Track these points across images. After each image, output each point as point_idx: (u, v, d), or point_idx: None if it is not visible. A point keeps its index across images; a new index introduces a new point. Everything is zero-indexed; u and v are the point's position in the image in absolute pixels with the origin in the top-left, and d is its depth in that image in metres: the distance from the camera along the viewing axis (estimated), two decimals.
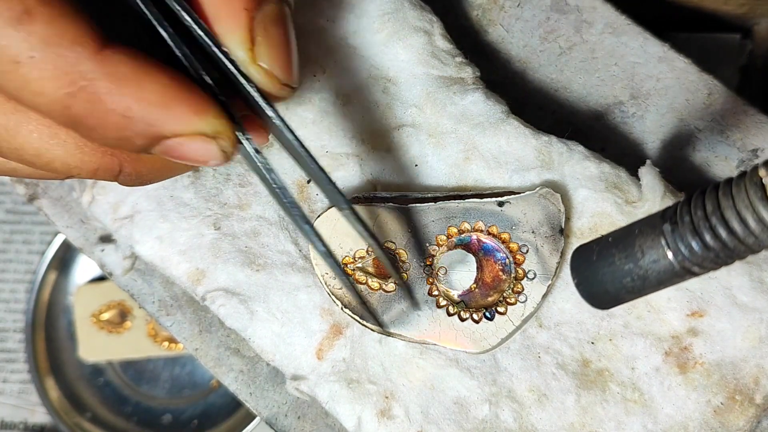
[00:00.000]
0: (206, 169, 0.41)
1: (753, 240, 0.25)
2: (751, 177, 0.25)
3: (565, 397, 0.37)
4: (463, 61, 0.41)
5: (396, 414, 0.37)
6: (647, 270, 0.28)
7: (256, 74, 0.30)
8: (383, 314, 0.38)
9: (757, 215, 0.25)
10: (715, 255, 0.26)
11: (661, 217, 0.28)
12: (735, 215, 0.25)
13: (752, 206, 0.25)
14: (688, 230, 0.26)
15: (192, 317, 0.42)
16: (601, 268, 0.29)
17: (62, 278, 0.70)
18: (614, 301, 0.30)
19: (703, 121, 0.42)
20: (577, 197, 0.38)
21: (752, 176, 0.25)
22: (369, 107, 0.41)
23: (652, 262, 0.27)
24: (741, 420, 0.36)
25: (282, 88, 0.31)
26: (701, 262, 0.27)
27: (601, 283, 0.30)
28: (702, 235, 0.26)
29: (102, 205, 0.42)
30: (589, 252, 0.30)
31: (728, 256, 0.26)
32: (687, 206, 0.27)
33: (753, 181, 0.25)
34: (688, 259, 0.27)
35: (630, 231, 0.29)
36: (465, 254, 0.38)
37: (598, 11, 0.44)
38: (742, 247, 0.26)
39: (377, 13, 0.42)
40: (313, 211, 0.41)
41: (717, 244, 0.26)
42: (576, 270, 0.31)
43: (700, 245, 0.26)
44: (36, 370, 0.68)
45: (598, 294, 0.30)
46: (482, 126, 0.40)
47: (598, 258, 0.30)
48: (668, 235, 0.27)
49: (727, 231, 0.25)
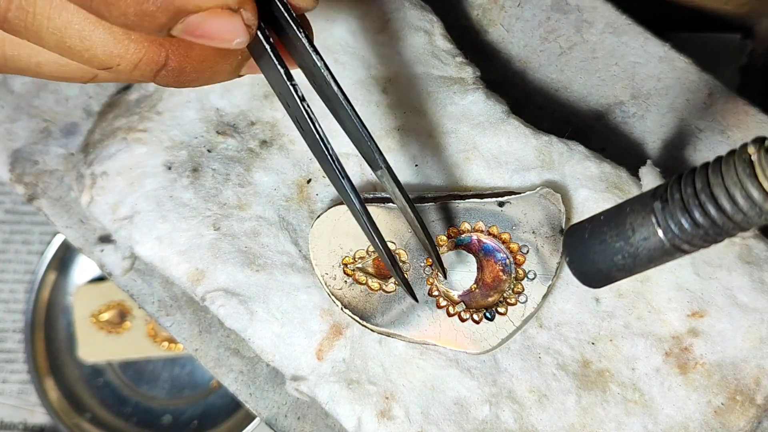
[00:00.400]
0: (206, 170, 0.41)
1: (741, 217, 0.25)
2: (740, 154, 0.25)
3: (566, 397, 0.37)
4: (464, 61, 0.41)
5: (396, 414, 0.37)
6: (638, 247, 0.28)
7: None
8: (383, 314, 0.38)
9: (745, 191, 0.25)
10: (704, 232, 0.26)
11: (652, 195, 0.28)
12: (724, 192, 0.25)
13: (740, 183, 0.25)
14: (678, 208, 0.26)
15: (192, 318, 0.42)
16: (592, 246, 0.29)
17: (62, 278, 0.70)
18: (606, 279, 0.30)
19: (704, 121, 0.41)
20: (578, 197, 0.38)
21: (741, 153, 0.25)
22: (369, 107, 0.41)
23: (642, 239, 0.28)
24: (742, 420, 0.36)
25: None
26: (691, 240, 0.27)
27: (592, 261, 0.30)
28: (691, 212, 0.26)
29: (101, 206, 0.42)
30: (581, 230, 0.30)
31: (717, 233, 0.26)
32: (677, 184, 0.27)
33: (741, 158, 0.25)
34: (678, 236, 0.27)
35: (621, 209, 0.29)
36: (465, 254, 0.38)
37: (598, 11, 0.44)
38: (730, 224, 0.26)
39: (377, 13, 0.42)
40: (313, 211, 0.41)
41: (706, 221, 0.26)
42: (568, 248, 0.31)
43: (689, 222, 0.26)
44: (35, 370, 0.68)
45: (590, 272, 0.30)
46: (482, 126, 0.40)
47: (590, 236, 0.30)
48: (658, 213, 0.27)
49: (716, 208, 0.26)
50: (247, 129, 0.42)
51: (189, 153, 0.42)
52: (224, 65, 0.31)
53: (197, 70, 0.30)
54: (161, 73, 0.29)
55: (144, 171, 0.41)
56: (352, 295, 0.38)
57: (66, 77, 0.31)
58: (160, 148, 0.42)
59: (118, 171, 0.41)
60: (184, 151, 0.42)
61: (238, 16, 0.27)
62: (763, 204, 0.25)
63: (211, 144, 0.42)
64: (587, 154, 0.39)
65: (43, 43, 0.29)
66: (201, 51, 0.30)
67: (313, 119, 0.30)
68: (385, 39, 0.41)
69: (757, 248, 0.37)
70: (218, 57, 0.30)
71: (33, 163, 0.45)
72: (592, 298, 0.38)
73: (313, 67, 0.31)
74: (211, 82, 0.32)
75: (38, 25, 0.28)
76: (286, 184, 0.41)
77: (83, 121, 0.45)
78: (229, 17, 0.27)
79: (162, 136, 0.42)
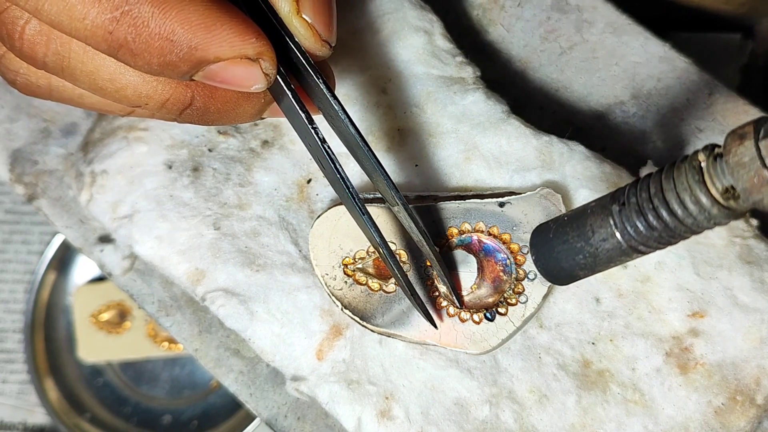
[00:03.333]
0: (206, 169, 0.41)
1: (692, 221, 0.26)
2: (691, 161, 0.26)
3: (566, 397, 0.37)
4: (464, 61, 0.41)
5: (396, 415, 0.37)
6: (597, 248, 0.29)
7: (299, 27, 0.31)
8: (383, 315, 0.38)
9: (694, 197, 0.26)
10: (658, 234, 0.27)
11: (611, 198, 0.29)
12: (675, 197, 0.26)
13: (690, 189, 0.26)
14: (634, 211, 0.28)
15: (192, 318, 0.42)
16: (556, 246, 0.31)
17: (61, 278, 0.70)
18: (569, 277, 0.31)
19: (705, 121, 0.41)
20: (578, 198, 0.38)
21: (692, 160, 0.26)
22: (369, 107, 0.41)
23: (601, 240, 0.29)
24: (742, 420, 0.36)
25: (323, 44, 0.31)
26: (646, 242, 0.28)
27: (556, 260, 0.31)
28: (646, 216, 0.27)
29: (101, 204, 0.42)
30: (547, 230, 0.31)
31: (671, 236, 0.27)
32: (634, 188, 0.28)
33: (692, 165, 0.26)
34: (633, 238, 0.28)
35: (584, 211, 0.30)
36: (466, 255, 0.38)
37: (598, 11, 0.44)
38: (682, 228, 0.27)
39: (377, 13, 0.42)
40: (313, 212, 0.41)
41: (659, 224, 0.27)
42: (534, 247, 0.32)
43: (644, 225, 0.27)
44: (35, 370, 0.67)
45: (554, 270, 0.31)
46: (483, 126, 0.40)
47: (554, 236, 0.31)
48: (616, 216, 0.28)
49: (668, 212, 0.27)
50: (249, 129, 0.42)
51: (190, 152, 0.42)
52: (247, 107, 0.32)
53: (221, 111, 0.32)
54: (186, 111, 0.31)
55: (144, 170, 0.41)
56: (352, 296, 0.38)
57: (105, 110, 0.34)
58: (160, 147, 0.42)
59: (118, 169, 0.41)
60: (185, 150, 0.42)
61: (256, 65, 0.29)
62: (711, 209, 0.26)
63: (212, 143, 0.42)
64: (588, 154, 0.39)
65: (78, 84, 0.31)
66: (225, 93, 0.31)
67: (334, 160, 0.32)
68: (384, 39, 0.41)
69: (757, 248, 0.37)
70: (241, 100, 0.32)
71: (33, 163, 0.45)
72: (593, 298, 0.38)
73: (331, 111, 0.32)
74: (234, 123, 0.34)
75: (73, 68, 0.30)
76: (287, 184, 0.41)
77: (83, 121, 0.45)
78: (248, 66, 0.29)
79: (163, 135, 0.42)
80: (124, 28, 0.27)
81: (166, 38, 0.27)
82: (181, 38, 0.27)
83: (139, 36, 0.27)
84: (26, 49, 0.30)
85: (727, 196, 0.25)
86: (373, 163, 0.33)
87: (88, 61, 0.30)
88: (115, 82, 0.30)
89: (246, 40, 0.28)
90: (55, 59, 0.30)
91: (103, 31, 0.27)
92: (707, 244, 0.37)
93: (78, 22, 0.27)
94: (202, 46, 0.28)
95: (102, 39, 0.27)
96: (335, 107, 0.32)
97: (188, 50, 0.28)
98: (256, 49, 0.28)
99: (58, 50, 0.30)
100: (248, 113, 0.33)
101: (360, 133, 0.33)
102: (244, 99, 0.32)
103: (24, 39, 0.30)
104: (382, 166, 0.33)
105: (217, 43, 0.28)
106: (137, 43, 0.27)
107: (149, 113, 0.33)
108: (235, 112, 0.32)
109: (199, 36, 0.27)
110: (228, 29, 0.28)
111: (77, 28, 0.27)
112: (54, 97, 0.34)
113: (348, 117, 0.32)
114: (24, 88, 0.33)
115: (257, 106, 0.33)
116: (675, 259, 0.37)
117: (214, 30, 0.28)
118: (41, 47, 0.30)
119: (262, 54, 0.29)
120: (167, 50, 0.27)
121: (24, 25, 0.29)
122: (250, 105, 0.32)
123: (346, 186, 0.32)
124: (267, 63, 0.29)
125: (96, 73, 0.30)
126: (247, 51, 0.28)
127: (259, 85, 0.30)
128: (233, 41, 0.28)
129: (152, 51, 0.27)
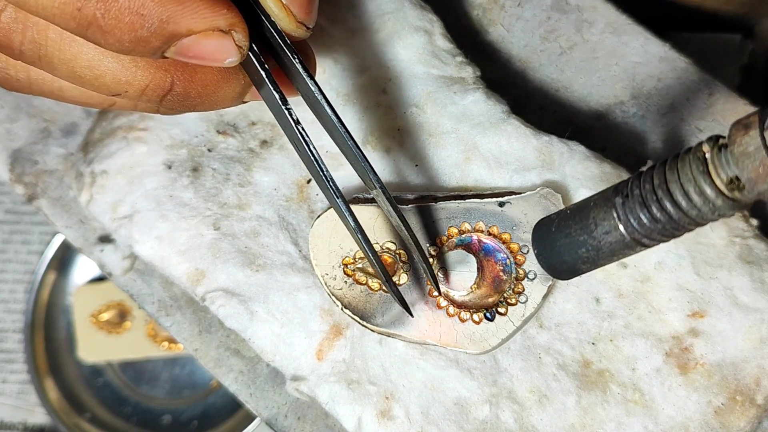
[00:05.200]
0: (206, 169, 0.41)
1: (696, 212, 0.26)
2: (695, 152, 0.26)
3: (566, 397, 0.37)
4: (464, 61, 0.41)
5: (396, 414, 0.37)
6: (600, 241, 0.29)
7: (273, 7, 0.30)
8: (383, 315, 0.38)
9: (698, 188, 0.26)
10: (662, 226, 0.27)
11: (614, 190, 0.28)
12: (679, 188, 0.26)
13: (694, 180, 0.26)
14: (637, 203, 0.27)
15: (192, 318, 0.42)
16: (558, 239, 0.30)
17: (61, 278, 0.70)
18: (571, 271, 0.31)
19: (705, 121, 0.41)
20: (579, 197, 0.38)
21: (696, 151, 0.26)
22: (369, 107, 0.41)
23: (604, 233, 0.28)
24: (742, 421, 0.36)
25: (298, 26, 0.31)
26: (650, 234, 0.27)
27: (558, 253, 0.30)
28: (650, 208, 0.27)
29: (101, 204, 0.42)
30: (549, 224, 0.31)
31: (675, 228, 0.27)
32: (637, 180, 0.28)
33: (696, 156, 0.26)
34: (637, 230, 0.27)
35: (586, 204, 0.30)
36: (466, 255, 0.38)
37: (598, 11, 0.44)
38: (686, 219, 0.26)
39: (377, 13, 0.42)
40: (313, 211, 0.41)
41: (663, 216, 0.27)
42: (537, 241, 0.32)
43: (648, 217, 0.27)
44: (35, 370, 0.67)
45: (556, 264, 0.31)
46: (483, 126, 0.40)
47: (556, 229, 0.31)
48: (619, 208, 0.28)
49: (672, 203, 0.26)
50: (248, 128, 0.42)
51: (189, 152, 0.42)
52: (227, 90, 0.32)
53: (201, 95, 0.32)
54: (167, 97, 0.31)
55: (144, 170, 0.41)
56: (352, 296, 0.38)
57: (86, 102, 0.33)
58: (160, 147, 0.42)
59: (118, 170, 0.41)
60: (185, 150, 0.42)
61: (228, 37, 0.29)
62: (715, 200, 0.25)
63: (212, 143, 0.42)
64: (588, 154, 0.39)
65: (56, 73, 0.31)
66: (204, 75, 0.31)
67: (307, 141, 0.31)
68: (384, 39, 0.41)
69: (757, 248, 0.37)
70: (221, 82, 0.31)
71: (33, 163, 0.45)
72: (593, 298, 0.38)
73: (309, 93, 0.32)
74: (216, 108, 0.34)
75: (50, 56, 0.30)
76: (287, 184, 0.41)
77: (83, 121, 0.45)
78: (220, 38, 0.29)
79: (162, 135, 0.42)
80: (92, 4, 0.27)
81: (136, 12, 0.27)
82: (152, 11, 0.27)
83: (108, 11, 0.27)
84: (2, 37, 0.29)
85: (732, 186, 0.25)
86: (350, 146, 0.33)
87: (65, 48, 0.29)
88: (94, 69, 0.30)
89: (217, 12, 0.28)
90: (31, 47, 0.30)
91: (72, 8, 0.27)
92: (707, 244, 0.37)
93: (48, 1, 0.27)
94: (173, 19, 0.27)
95: (71, 16, 0.27)
96: (312, 88, 0.32)
97: (159, 24, 0.27)
98: (227, 20, 0.28)
99: (35, 38, 0.29)
100: (229, 96, 0.33)
101: (337, 114, 0.32)
102: (223, 81, 0.32)
103: (0, 27, 0.29)
104: (360, 149, 0.33)
105: (189, 15, 0.27)
106: (107, 18, 0.27)
107: (131, 104, 0.32)
108: (216, 95, 0.32)
109: (170, 9, 0.27)
110: (199, 1, 0.27)
111: (45, 6, 0.27)
112: (34, 90, 0.33)
113: (325, 97, 0.32)
114: (4, 82, 0.33)
115: (237, 89, 0.32)
116: (675, 259, 0.37)
117: (185, 2, 0.27)
118: (17, 35, 0.29)
119: (234, 25, 0.28)
120: (138, 25, 0.27)
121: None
122: (230, 87, 0.32)
123: (320, 168, 0.32)
124: (239, 35, 0.29)
125: (74, 61, 0.30)
126: (218, 23, 0.28)
127: (232, 58, 0.29)
128: (204, 13, 0.28)
129: (122, 27, 0.27)
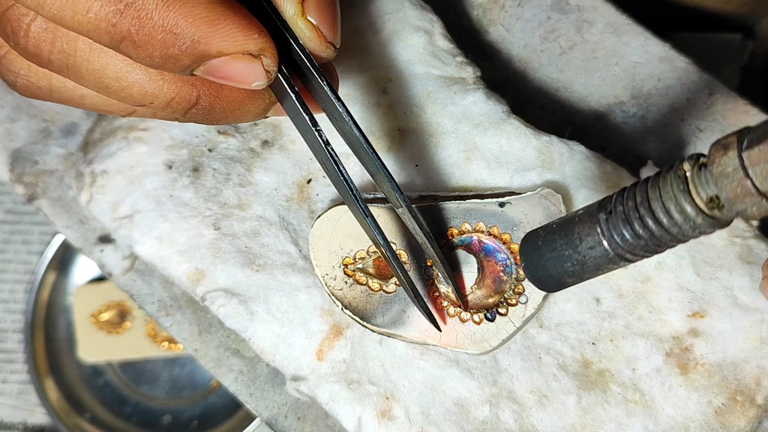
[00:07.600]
0: (206, 169, 0.41)
1: (677, 230, 0.27)
2: (676, 170, 0.27)
3: (566, 398, 0.37)
4: (464, 61, 0.41)
5: (396, 415, 0.37)
6: (585, 256, 0.29)
7: (304, 29, 0.31)
8: (384, 315, 0.38)
9: (679, 206, 0.26)
10: (644, 243, 0.27)
11: (599, 206, 0.29)
12: (660, 206, 0.27)
13: (675, 198, 0.26)
14: (620, 219, 0.28)
15: (192, 318, 0.42)
16: (545, 253, 0.31)
17: (61, 278, 0.70)
18: (557, 285, 0.31)
19: (705, 121, 0.41)
20: (579, 198, 0.38)
21: (677, 170, 0.27)
22: (370, 107, 0.41)
23: (589, 248, 0.29)
24: (742, 421, 0.36)
25: (327, 46, 0.32)
26: (633, 250, 0.28)
27: (545, 267, 0.31)
28: (632, 225, 0.27)
29: (101, 204, 0.42)
30: (535, 238, 0.31)
31: (657, 245, 0.27)
32: (621, 197, 0.28)
33: (677, 174, 0.26)
34: (621, 246, 0.28)
35: (572, 219, 0.30)
36: (466, 255, 0.38)
37: (599, 11, 0.44)
38: (668, 236, 0.27)
39: (378, 13, 0.42)
40: (313, 212, 0.41)
41: (645, 233, 0.27)
42: (524, 254, 0.32)
43: (631, 234, 0.27)
44: (35, 370, 0.67)
45: (543, 277, 0.31)
46: (483, 126, 0.40)
47: (543, 243, 0.31)
48: (603, 224, 0.28)
49: (654, 221, 0.27)
50: (249, 129, 0.42)
51: (190, 152, 0.42)
52: (251, 107, 0.32)
53: (225, 110, 0.32)
54: (191, 110, 0.31)
55: (144, 170, 0.41)
56: (352, 296, 0.38)
57: (106, 110, 0.34)
58: (160, 147, 0.42)
59: (118, 169, 0.41)
60: (185, 150, 0.42)
61: (258, 61, 0.29)
62: (695, 218, 0.26)
63: (212, 143, 0.42)
64: (588, 155, 0.39)
65: (83, 83, 0.31)
66: (230, 93, 0.31)
67: (338, 162, 0.32)
68: (385, 39, 0.41)
69: (757, 248, 0.37)
70: (246, 99, 0.32)
71: (33, 163, 0.45)
72: (593, 298, 0.38)
73: (335, 113, 0.33)
74: (239, 122, 0.34)
75: (78, 66, 0.30)
76: (287, 184, 0.41)
77: (83, 121, 0.45)
78: (249, 62, 0.29)
79: (163, 135, 0.42)
80: (127, 21, 0.27)
81: (170, 31, 0.27)
82: (185, 31, 0.27)
83: (143, 28, 0.27)
84: (31, 46, 0.30)
85: (712, 205, 0.26)
86: (377, 165, 0.33)
87: (94, 59, 0.30)
88: (121, 80, 0.30)
89: (249, 36, 0.28)
90: (60, 57, 0.30)
91: (107, 23, 0.27)
92: (707, 244, 0.37)
93: (81, 16, 0.27)
94: (204, 40, 0.28)
95: (105, 31, 0.27)
96: (339, 109, 0.32)
97: (191, 43, 0.28)
98: (258, 45, 0.29)
99: (64, 48, 0.30)
100: (252, 113, 0.33)
101: (364, 135, 0.33)
102: (248, 99, 0.32)
103: (29, 37, 0.30)
104: (386, 168, 0.33)
105: (220, 37, 0.28)
106: (140, 35, 0.27)
107: (151, 113, 0.33)
108: (240, 111, 0.32)
109: (203, 30, 0.28)
110: (231, 24, 0.28)
111: (80, 22, 0.27)
112: (54, 98, 0.34)
113: (352, 119, 0.32)
114: (24, 89, 0.33)
115: (261, 106, 0.33)
116: (675, 259, 0.37)
117: (218, 24, 0.28)
118: (47, 45, 0.30)
119: (264, 50, 0.29)
120: (170, 43, 0.27)
121: (30, 22, 0.29)
122: (254, 105, 0.32)
123: (350, 188, 0.33)
124: (268, 60, 0.29)
125: (102, 71, 0.30)
126: (249, 46, 0.28)
127: (259, 82, 0.30)
128: (236, 36, 0.28)
129: (155, 43, 0.27)
